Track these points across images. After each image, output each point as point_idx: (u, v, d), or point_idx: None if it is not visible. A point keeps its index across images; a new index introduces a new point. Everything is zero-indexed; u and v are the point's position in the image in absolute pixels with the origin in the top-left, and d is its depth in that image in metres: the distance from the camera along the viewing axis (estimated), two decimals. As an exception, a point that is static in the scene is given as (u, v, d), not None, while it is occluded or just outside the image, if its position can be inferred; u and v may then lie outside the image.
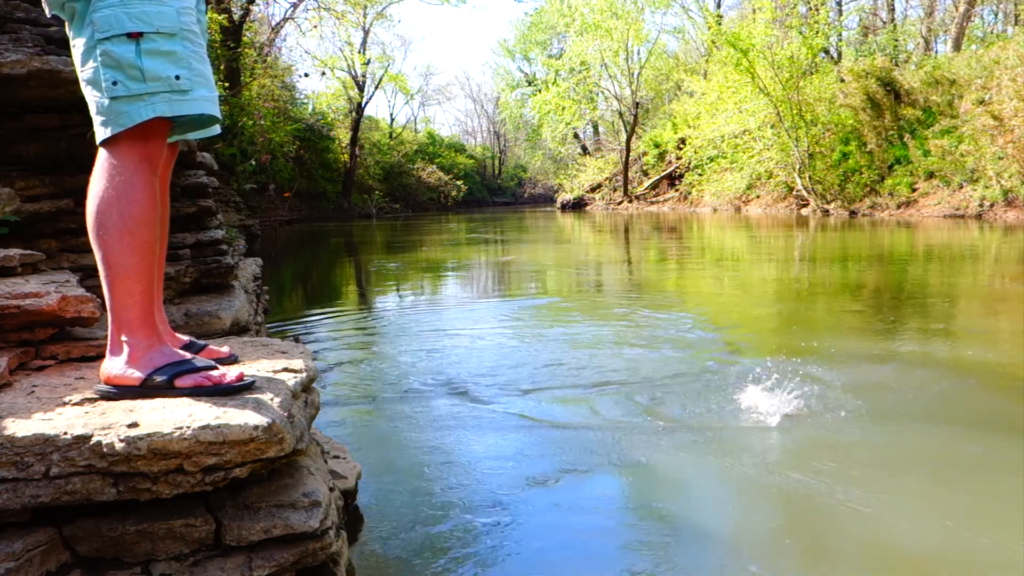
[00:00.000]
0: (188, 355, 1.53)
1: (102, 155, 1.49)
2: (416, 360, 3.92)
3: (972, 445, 2.46)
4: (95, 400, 1.44)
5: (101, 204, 1.46)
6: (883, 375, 3.27)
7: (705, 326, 4.67)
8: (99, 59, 1.44)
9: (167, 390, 1.43)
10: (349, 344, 4.51)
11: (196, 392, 1.42)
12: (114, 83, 1.43)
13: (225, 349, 1.74)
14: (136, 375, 1.45)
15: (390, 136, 39.36)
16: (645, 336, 4.34)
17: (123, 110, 1.44)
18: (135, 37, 1.42)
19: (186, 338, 1.73)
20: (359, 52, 30.36)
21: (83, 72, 1.47)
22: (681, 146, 26.65)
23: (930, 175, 16.09)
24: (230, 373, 1.47)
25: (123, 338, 1.47)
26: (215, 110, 1.53)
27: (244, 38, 18.22)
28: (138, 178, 1.47)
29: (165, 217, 1.75)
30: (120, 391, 1.45)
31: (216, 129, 1.73)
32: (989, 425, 2.64)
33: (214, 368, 1.48)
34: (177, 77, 1.45)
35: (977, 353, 3.61)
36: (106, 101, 1.44)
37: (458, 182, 38.69)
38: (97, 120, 1.47)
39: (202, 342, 1.73)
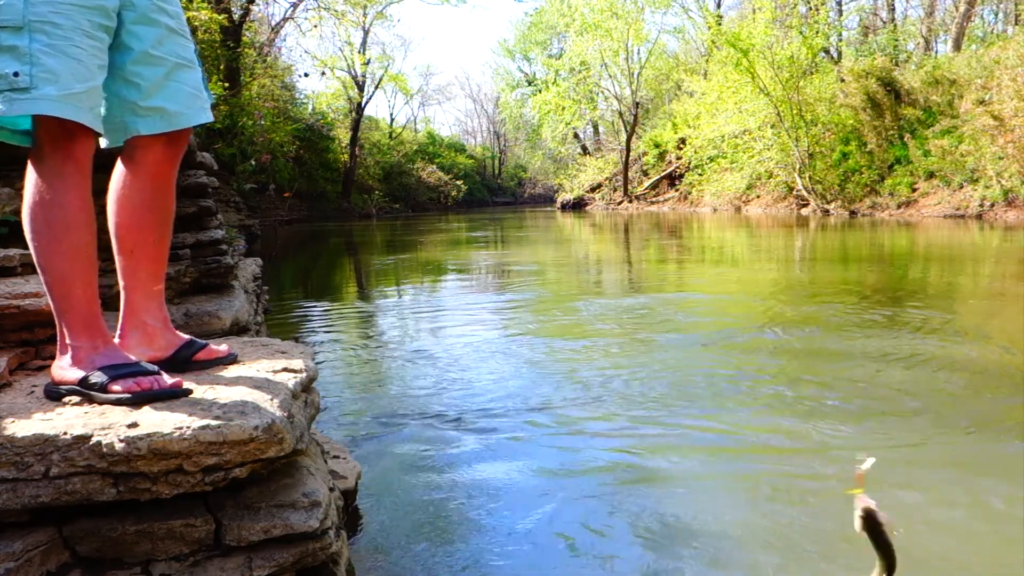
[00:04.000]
0: (132, 358, 1.51)
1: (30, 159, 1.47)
2: (417, 360, 3.91)
3: (970, 445, 2.46)
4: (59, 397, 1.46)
5: (29, 209, 1.45)
6: (883, 374, 3.27)
7: (705, 326, 4.67)
8: None
9: (101, 392, 1.42)
10: (350, 344, 4.51)
11: (126, 398, 1.40)
12: None
13: (224, 348, 1.72)
14: (75, 376, 1.45)
15: (390, 136, 39.37)
16: (644, 336, 4.34)
17: None
18: None
19: (186, 337, 1.71)
20: (359, 52, 30.37)
21: None
22: (681, 146, 26.65)
23: (930, 175, 16.09)
24: (164, 379, 1.44)
25: (68, 340, 1.47)
26: (61, 110, 1.36)
27: (244, 38, 18.23)
28: (62, 181, 1.43)
29: (169, 215, 1.69)
30: (66, 390, 1.45)
31: (200, 118, 1.64)
32: (987, 425, 2.64)
33: (155, 373, 1.46)
34: (16, 74, 1.33)
35: (976, 353, 3.61)
36: None
37: (458, 182, 38.73)
38: None
39: (202, 341, 1.72)
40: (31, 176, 1.45)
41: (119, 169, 1.65)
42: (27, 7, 1.35)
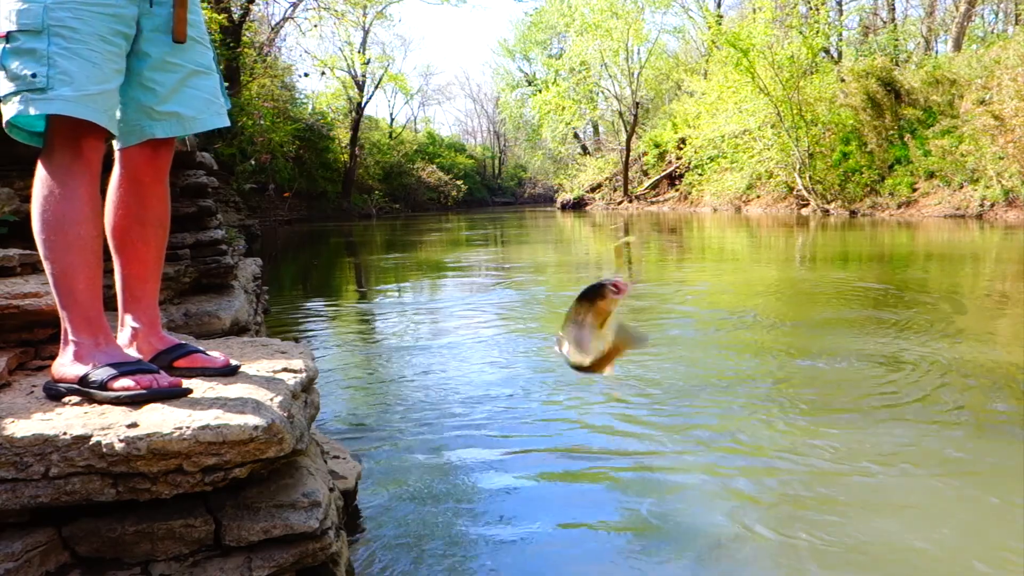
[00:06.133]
0: (134, 356, 1.52)
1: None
2: (417, 359, 3.91)
3: (969, 446, 2.46)
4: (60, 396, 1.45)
5: (37, 205, 1.47)
6: (884, 374, 3.27)
7: (705, 324, 4.66)
8: None
9: (100, 390, 1.41)
10: (349, 343, 4.51)
11: (124, 396, 1.40)
12: None
13: (220, 358, 1.64)
14: (75, 373, 1.45)
15: (390, 136, 39.34)
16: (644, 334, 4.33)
17: None
18: (2, 37, 1.41)
19: (175, 341, 1.68)
20: (359, 52, 30.37)
21: None
22: (681, 146, 26.64)
23: (930, 175, 16.09)
24: (163, 378, 1.44)
25: (70, 336, 1.48)
26: (76, 110, 1.41)
27: (244, 38, 18.22)
28: (71, 178, 1.46)
29: (153, 219, 1.68)
30: (65, 388, 1.45)
31: (214, 122, 1.65)
32: (988, 426, 2.63)
33: (154, 372, 1.46)
34: (34, 75, 1.39)
35: (977, 353, 3.61)
36: None
37: (458, 182, 38.71)
38: None
39: (194, 347, 1.67)
40: (41, 173, 1.48)
41: (113, 172, 1.68)
42: (46, 12, 1.40)
